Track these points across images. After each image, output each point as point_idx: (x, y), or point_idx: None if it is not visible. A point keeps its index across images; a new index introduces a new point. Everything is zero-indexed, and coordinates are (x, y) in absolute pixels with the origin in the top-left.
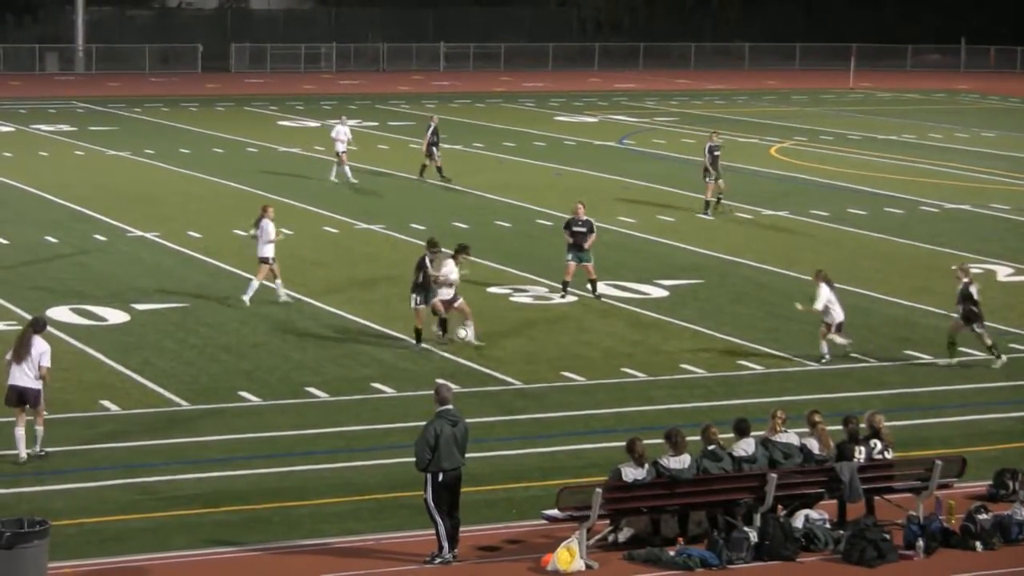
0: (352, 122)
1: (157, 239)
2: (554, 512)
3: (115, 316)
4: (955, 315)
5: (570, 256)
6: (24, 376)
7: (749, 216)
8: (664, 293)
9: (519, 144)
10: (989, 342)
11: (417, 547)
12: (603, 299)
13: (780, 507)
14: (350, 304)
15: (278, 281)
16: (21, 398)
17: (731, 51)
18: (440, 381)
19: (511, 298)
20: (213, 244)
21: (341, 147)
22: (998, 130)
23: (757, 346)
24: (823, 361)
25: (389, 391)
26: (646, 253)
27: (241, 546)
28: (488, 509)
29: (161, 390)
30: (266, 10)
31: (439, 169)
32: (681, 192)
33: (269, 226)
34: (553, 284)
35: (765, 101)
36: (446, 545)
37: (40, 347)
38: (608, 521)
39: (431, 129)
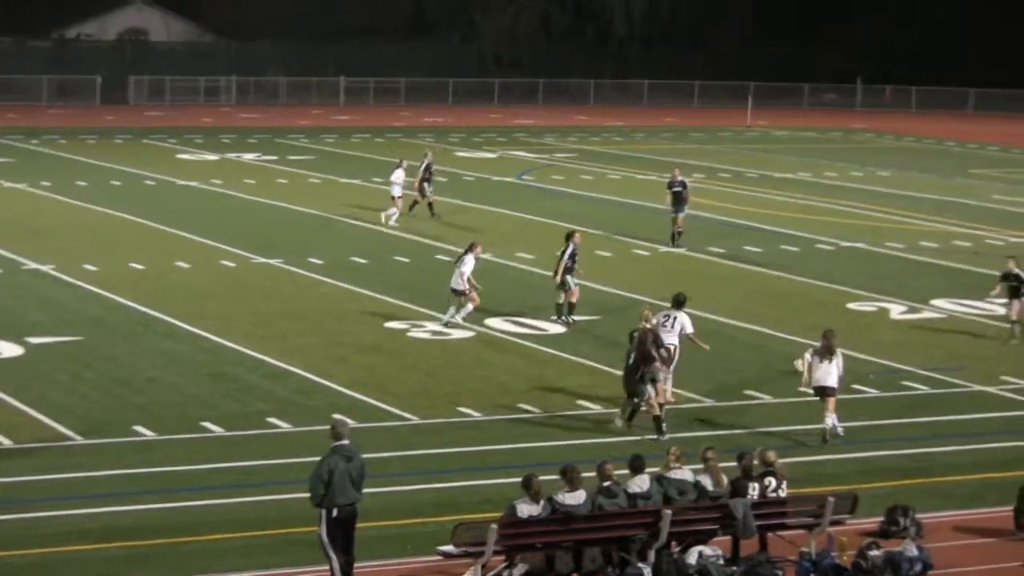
0: (250, 156)
1: (52, 272)
2: (449, 548)
3: (8, 349)
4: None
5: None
6: None
7: (647, 253)
8: (561, 329)
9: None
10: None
11: None
12: (499, 334)
13: (674, 543)
14: (246, 339)
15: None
16: None
17: (630, 88)
18: (336, 416)
19: (408, 333)
20: (109, 277)
21: (397, 191)
22: (892, 169)
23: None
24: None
25: (285, 426)
26: (544, 289)
27: None
28: (383, 545)
29: (55, 424)
30: (165, 42)
31: (430, 206)
32: (579, 228)
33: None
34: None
35: (663, 138)
36: None
37: None
38: (503, 557)
39: (424, 165)
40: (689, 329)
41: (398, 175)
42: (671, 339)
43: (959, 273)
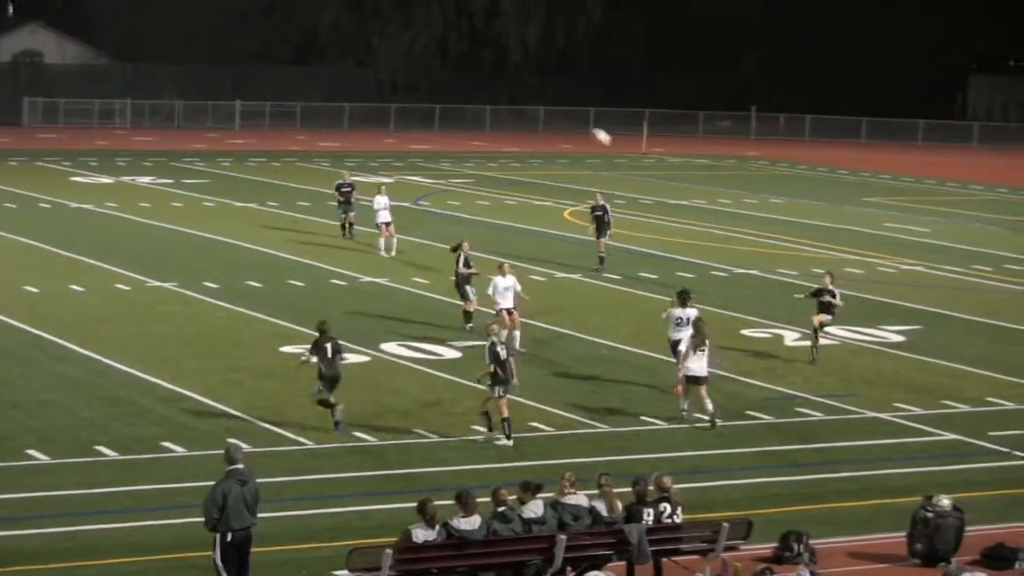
0: (145, 179)
1: None
2: (344, 573)
3: None
4: None
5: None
6: None
7: (542, 278)
8: (457, 354)
9: (313, 203)
10: None
11: None
12: (394, 359)
13: (569, 569)
14: (141, 362)
15: (516, 332)
16: None
17: (525, 114)
18: (231, 441)
19: (303, 358)
20: (2, 299)
21: (385, 217)
22: (786, 196)
23: (546, 407)
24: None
25: (179, 450)
26: (440, 314)
27: None
28: (278, 570)
29: None
30: (60, 64)
31: (348, 226)
32: (477, 255)
33: (507, 280)
34: (346, 344)
35: (559, 164)
36: None
37: None
38: None
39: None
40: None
41: (381, 201)
42: (681, 335)
43: (852, 300)
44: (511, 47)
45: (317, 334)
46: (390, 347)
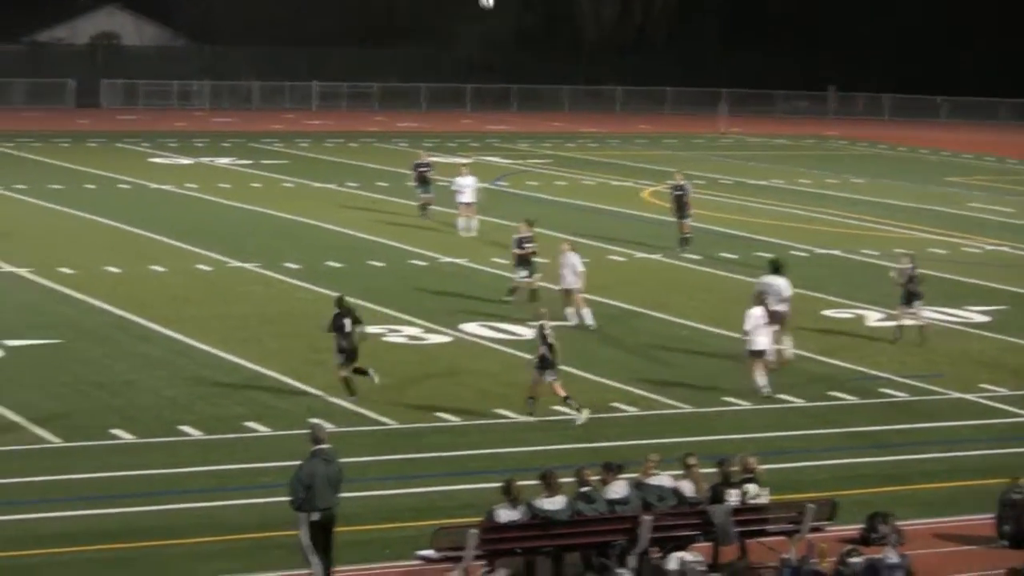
0: (224, 160)
1: (28, 275)
2: (429, 552)
3: None
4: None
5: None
6: None
7: (622, 258)
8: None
9: (392, 184)
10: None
11: None
12: (475, 339)
13: (655, 549)
14: (222, 342)
15: (585, 310)
16: None
17: (603, 94)
18: (314, 421)
19: (384, 338)
20: (84, 280)
21: (466, 197)
22: (868, 176)
23: (628, 388)
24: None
25: (262, 430)
26: (520, 294)
27: None
28: (362, 549)
29: (33, 427)
30: (138, 46)
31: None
32: (553, 234)
33: (573, 258)
34: (426, 324)
35: (637, 144)
36: None
37: None
38: (483, 562)
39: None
40: (787, 293)
41: (463, 181)
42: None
43: (935, 280)
44: (587, 26)
45: (336, 310)
46: (471, 327)
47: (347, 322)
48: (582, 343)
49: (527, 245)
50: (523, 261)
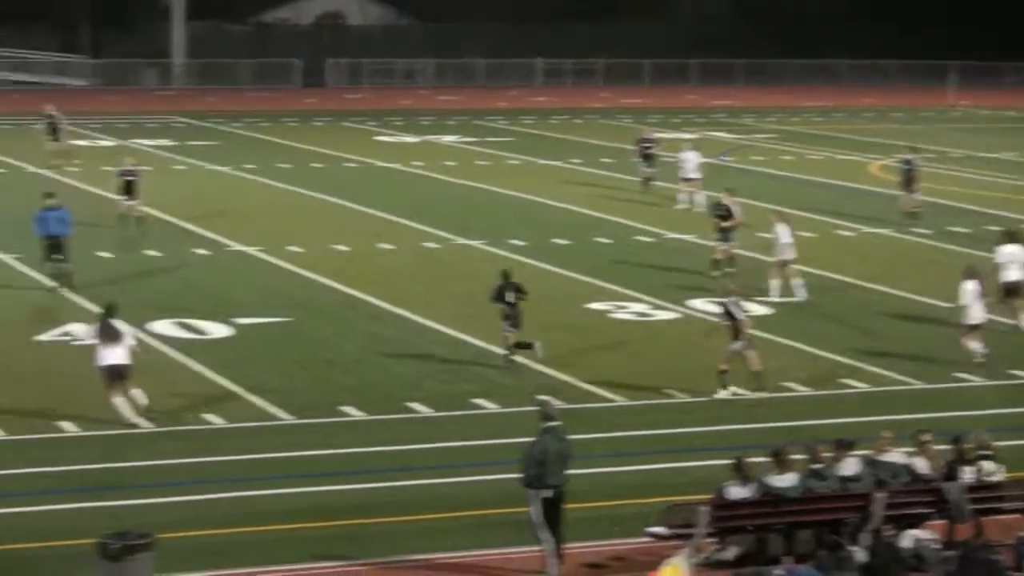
0: (449, 138)
1: (258, 253)
2: (659, 529)
3: (218, 330)
4: None
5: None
6: (119, 355)
7: (851, 233)
8: (769, 311)
9: (618, 160)
10: None
11: (520, 563)
12: (704, 315)
13: (889, 526)
14: (451, 320)
15: (796, 281)
16: (120, 374)
17: (828, 68)
18: (543, 397)
19: (611, 315)
20: (313, 258)
21: (690, 173)
22: None
23: (860, 364)
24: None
25: (491, 407)
26: (750, 271)
27: (344, 561)
28: (590, 526)
29: (264, 404)
30: (363, 26)
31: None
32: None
33: (784, 230)
34: (653, 300)
35: (863, 118)
36: (553, 562)
37: (124, 327)
38: (713, 539)
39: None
40: None
41: (687, 156)
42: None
43: None
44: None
45: (501, 281)
46: (697, 303)
47: (510, 294)
48: (806, 318)
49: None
50: (723, 230)
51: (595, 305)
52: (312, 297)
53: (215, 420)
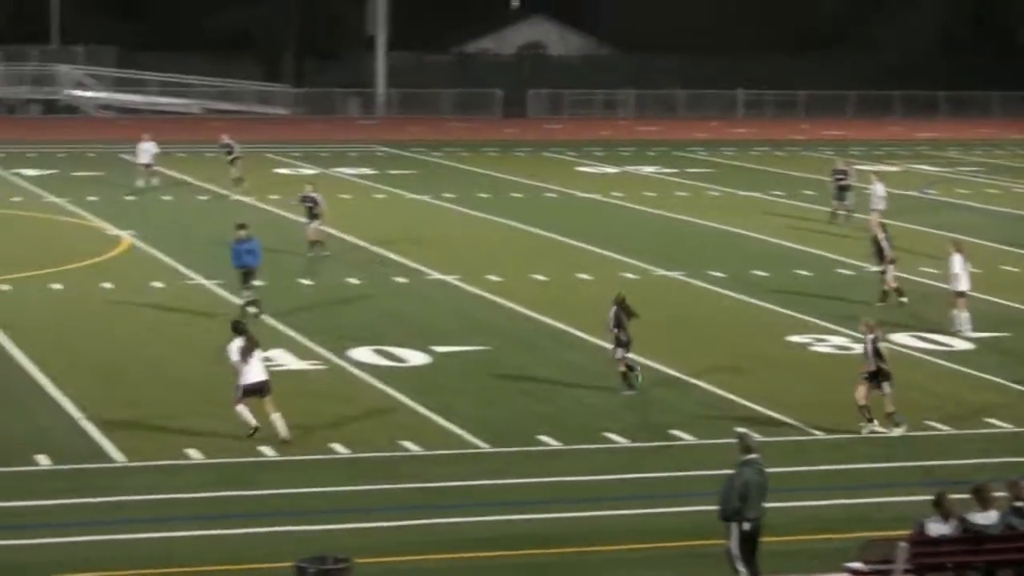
0: (649, 168)
1: (456, 282)
2: (858, 565)
3: (416, 358)
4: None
5: None
6: (261, 371)
7: None
8: (968, 345)
9: (819, 192)
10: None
11: None
12: (903, 349)
13: None
14: (648, 351)
15: (964, 314)
16: (265, 390)
17: None
18: (743, 430)
19: (811, 347)
20: (512, 288)
21: (876, 205)
22: None
23: None
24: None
25: (688, 438)
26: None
27: None
28: (786, 560)
29: (461, 432)
30: (564, 56)
31: (834, 214)
32: (984, 244)
33: (957, 260)
34: (854, 334)
35: None
36: None
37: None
38: None
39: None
40: None
41: (875, 188)
42: None
43: None
44: (1018, 31)
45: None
46: (898, 337)
47: (623, 318)
48: (1008, 354)
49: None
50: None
51: (795, 338)
52: (510, 326)
53: (412, 447)
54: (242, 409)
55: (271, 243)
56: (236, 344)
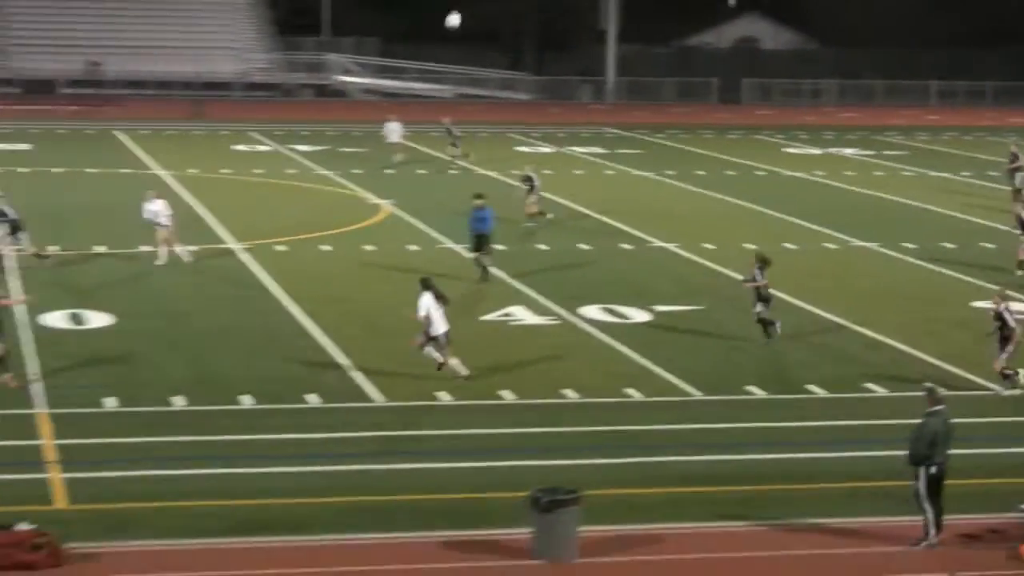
0: (849, 151)
1: (676, 249)
2: None
3: (639, 315)
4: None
5: None
6: (445, 323)
7: None
8: None
9: (1003, 174)
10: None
11: (904, 531)
12: None
13: None
14: (847, 314)
15: None
16: (446, 337)
17: None
18: (930, 384)
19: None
20: (724, 255)
21: None
22: None
23: None
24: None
25: (880, 391)
26: None
27: (745, 521)
28: (967, 501)
29: (678, 381)
30: (774, 49)
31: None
32: None
33: None
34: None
35: None
36: (932, 531)
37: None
38: None
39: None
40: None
41: None
42: None
43: None
44: None
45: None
46: None
47: (758, 273)
48: None
49: None
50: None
51: (977, 303)
52: (722, 288)
53: (634, 394)
54: (429, 350)
55: (511, 213)
56: (427, 298)
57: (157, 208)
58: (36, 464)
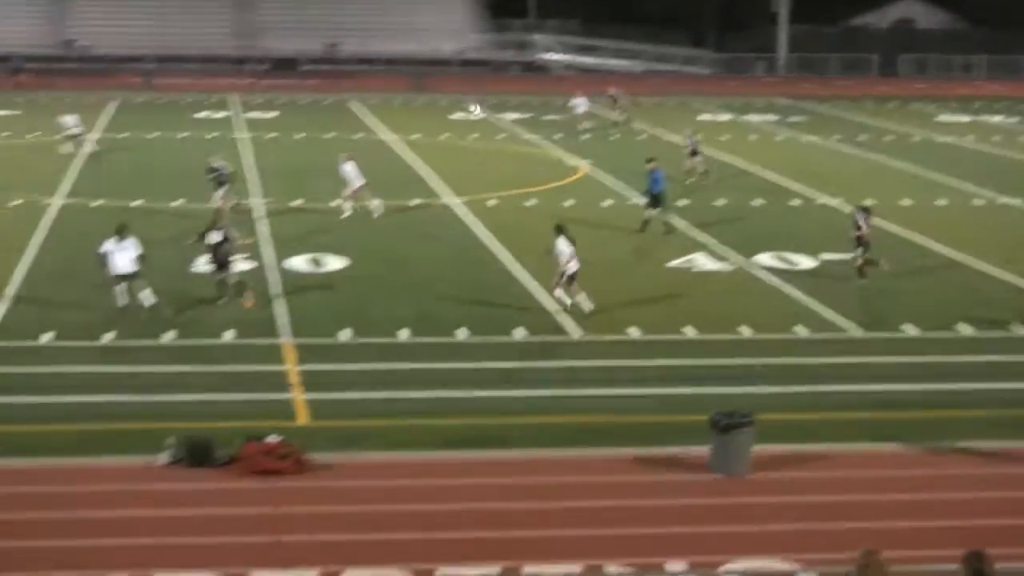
0: (996, 118)
1: (837, 204)
2: None
3: (806, 262)
4: None
5: None
6: (577, 263)
7: None
8: None
9: None
10: None
11: None
12: None
13: None
14: (993, 259)
15: None
16: (575, 277)
17: None
18: None
19: None
20: (883, 210)
21: None
22: None
23: None
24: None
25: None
26: None
27: (901, 442)
28: None
29: (839, 319)
30: (929, 28)
31: None
32: None
33: None
34: None
35: None
36: None
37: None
38: None
39: None
40: None
41: None
42: None
43: None
44: None
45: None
46: None
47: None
48: None
49: None
50: None
51: None
52: (882, 239)
53: (801, 331)
54: (560, 294)
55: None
56: (562, 242)
57: (348, 169)
58: (282, 386)
